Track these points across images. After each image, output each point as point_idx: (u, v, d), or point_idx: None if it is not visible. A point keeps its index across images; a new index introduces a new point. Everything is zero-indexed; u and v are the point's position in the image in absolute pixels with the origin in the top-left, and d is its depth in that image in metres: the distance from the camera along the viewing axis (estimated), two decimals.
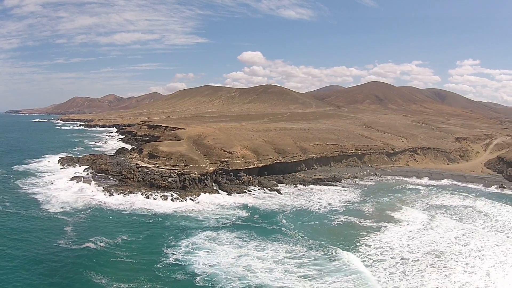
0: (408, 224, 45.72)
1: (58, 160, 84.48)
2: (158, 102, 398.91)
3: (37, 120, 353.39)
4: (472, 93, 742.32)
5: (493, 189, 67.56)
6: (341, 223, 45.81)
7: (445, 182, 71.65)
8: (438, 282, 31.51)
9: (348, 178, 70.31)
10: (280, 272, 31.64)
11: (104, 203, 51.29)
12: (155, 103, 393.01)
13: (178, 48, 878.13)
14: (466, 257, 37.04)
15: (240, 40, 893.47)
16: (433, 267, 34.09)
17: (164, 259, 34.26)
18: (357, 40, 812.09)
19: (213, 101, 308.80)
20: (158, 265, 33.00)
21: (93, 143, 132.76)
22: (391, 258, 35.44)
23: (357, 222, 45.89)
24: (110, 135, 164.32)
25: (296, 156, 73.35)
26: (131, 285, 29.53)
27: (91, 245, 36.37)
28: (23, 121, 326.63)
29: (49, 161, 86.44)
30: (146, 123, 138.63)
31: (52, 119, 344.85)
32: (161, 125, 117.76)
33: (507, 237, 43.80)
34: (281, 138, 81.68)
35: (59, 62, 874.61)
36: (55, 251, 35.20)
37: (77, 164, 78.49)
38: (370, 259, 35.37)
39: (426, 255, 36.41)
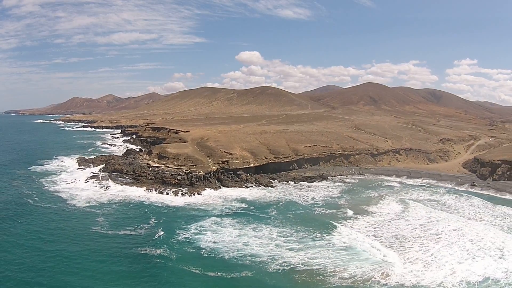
0: (380, 215, 53.87)
1: (73, 161, 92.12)
2: (158, 103, 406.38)
3: (41, 120, 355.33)
4: (469, 93, 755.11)
5: (464, 186, 73.65)
6: (322, 213, 54.71)
7: (421, 180, 78.56)
8: (392, 257, 39.94)
9: (335, 176, 79.03)
10: (272, 246, 40.77)
11: (125, 198, 59.66)
12: (155, 104, 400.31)
13: (176, 48, 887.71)
14: (423, 240, 45.24)
15: (238, 40, 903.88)
16: (392, 247, 42.21)
17: (177, 237, 43.33)
18: (355, 39, 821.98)
19: (212, 102, 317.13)
20: (172, 241, 42.08)
21: (100, 144, 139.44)
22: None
23: (335, 212, 54.71)
24: (114, 137, 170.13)
25: (288, 157, 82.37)
26: (157, 253, 38.76)
27: (124, 231, 45.06)
28: (26, 122, 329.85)
29: (64, 162, 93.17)
30: (150, 126, 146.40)
31: (54, 120, 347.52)
32: (165, 128, 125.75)
33: (464, 225, 52.04)
34: (275, 140, 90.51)
35: (57, 62, 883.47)
36: (95, 238, 42.95)
37: (91, 165, 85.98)
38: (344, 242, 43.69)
39: (388, 238, 44.57)
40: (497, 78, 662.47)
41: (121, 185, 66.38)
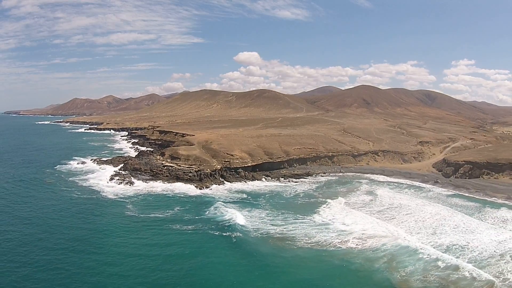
0: (347, 205, 67.45)
1: (93, 161, 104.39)
2: (159, 105, 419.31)
3: (47, 122, 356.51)
4: (467, 93, 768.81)
5: (428, 183, 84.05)
6: (305, 201, 69.72)
7: (392, 178, 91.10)
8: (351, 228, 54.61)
9: (318, 174, 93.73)
10: (258, 222, 56.16)
11: (149, 191, 74.31)
12: (156, 106, 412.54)
13: (174, 48, 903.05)
14: (379, 220, 59.09)
15: (236, 40, 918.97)
16: (356, 224, 56.55)
17: (195, 215, 59.35)
18: (352, 40, 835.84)
19: (212, 105, 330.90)
20: (191, 218, 58.19)
21: (111, 146, 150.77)
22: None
23: (315, 201, 69.30)
24: (123, 139, 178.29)
25: (280, 157, 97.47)
26: (188, 228, 53.74)
27: (155, 214, 59.98)
28: (32, 124, 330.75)
29: (85, 163, 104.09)
30: (157, 129, 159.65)
31: (60, 121, 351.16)
32: (171, 131, 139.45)
33: (417, 210, 64.10)
34: (270, 143, 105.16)
35: (56, 62, 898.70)
36: (128, 220, 56.94)
37: (111, 165, 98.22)
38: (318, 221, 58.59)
39: (351, 218, 59.62)
40: (495, 78, 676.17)
41: (142, 181, 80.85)
